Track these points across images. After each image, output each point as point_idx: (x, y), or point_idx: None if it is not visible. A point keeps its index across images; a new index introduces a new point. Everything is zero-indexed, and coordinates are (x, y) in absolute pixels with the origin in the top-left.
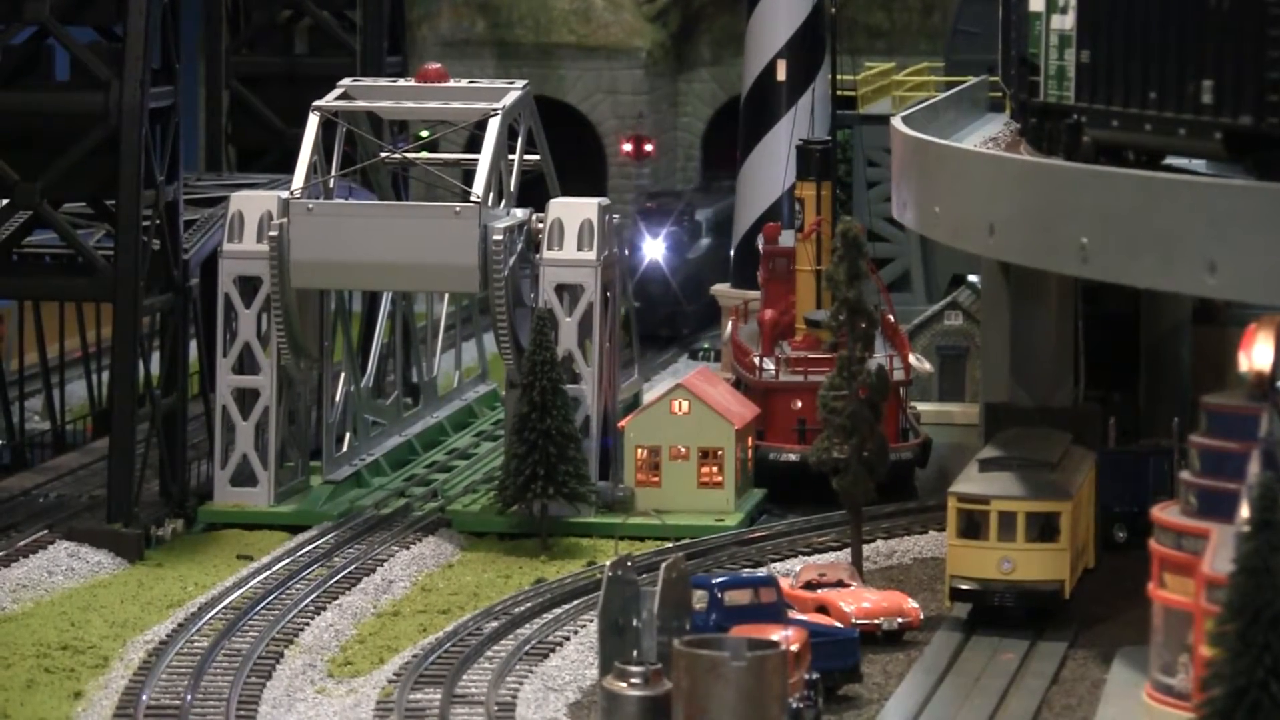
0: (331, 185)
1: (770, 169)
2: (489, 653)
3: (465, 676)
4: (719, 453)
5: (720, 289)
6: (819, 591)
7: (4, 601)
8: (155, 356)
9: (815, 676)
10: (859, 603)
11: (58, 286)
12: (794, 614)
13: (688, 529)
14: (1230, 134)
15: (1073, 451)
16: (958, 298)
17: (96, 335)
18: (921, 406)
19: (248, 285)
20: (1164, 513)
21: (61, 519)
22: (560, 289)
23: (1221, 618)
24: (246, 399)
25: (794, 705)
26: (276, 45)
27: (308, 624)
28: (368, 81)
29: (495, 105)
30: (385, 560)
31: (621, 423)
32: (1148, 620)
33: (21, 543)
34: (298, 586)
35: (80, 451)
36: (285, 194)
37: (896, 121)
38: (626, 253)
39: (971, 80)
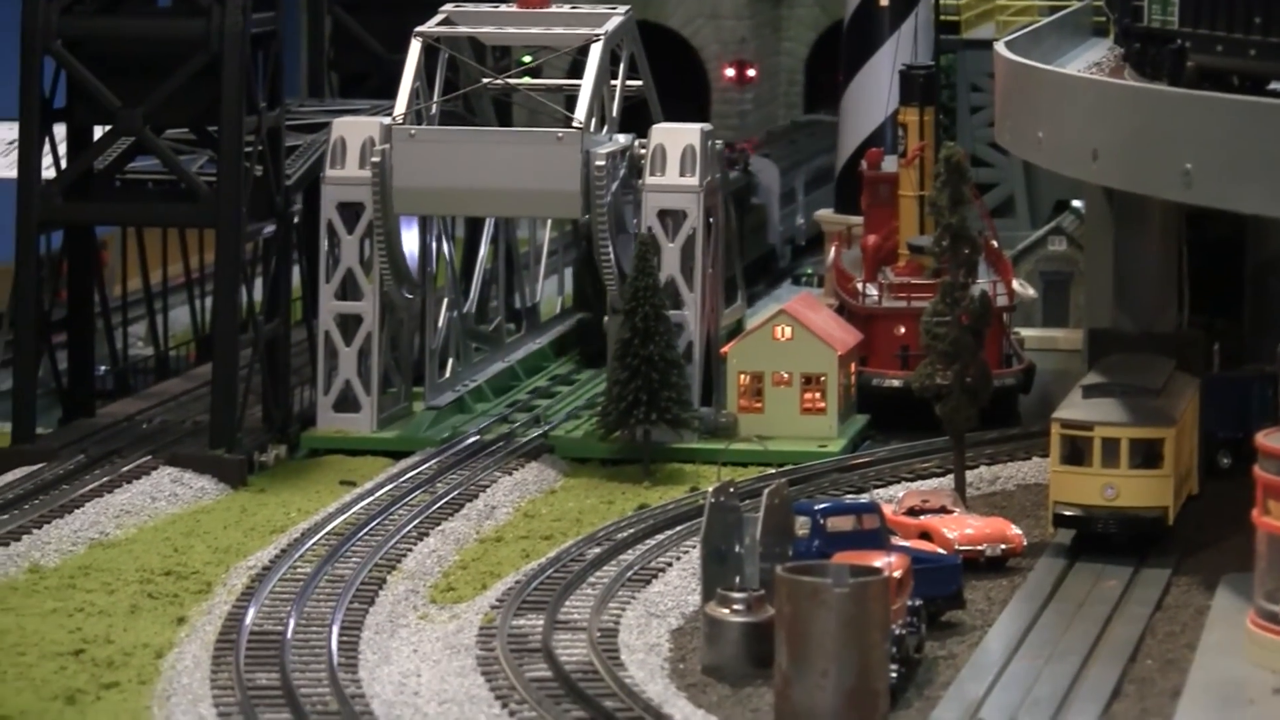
0: (434, 111)
1: (873, 94)
2: (591, 579)
3: (567, 603)
4: (822, 379)
5: (824, 214)
6: (922, 518)
7: (108, 527)
8: (258, 282)
9: (918, 603)
10: (962, 529)
11: (160, 212)
12: (896, 540)
13: (790, 455)
14: None
15: (1176, 377)
16: (1061, 223)
17: (199, 261)
18: (1025, 332)
19: (350, 211)
20: (1268, 438)
21: (165, 445)
22: (663, 214)
23: None
24: (349, 325)
25: (896, 632)
26: None
27: (410, 550)
28: (470, 7)
29: (597, 31)
30: (488, 486)
31: (724, 348)
32: (1251, 547)
33: (125, 468)
34: (400, 512)
35: (183, 377)
36: (387, 120)
37: (1000, 46)
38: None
39: (1075, 5)
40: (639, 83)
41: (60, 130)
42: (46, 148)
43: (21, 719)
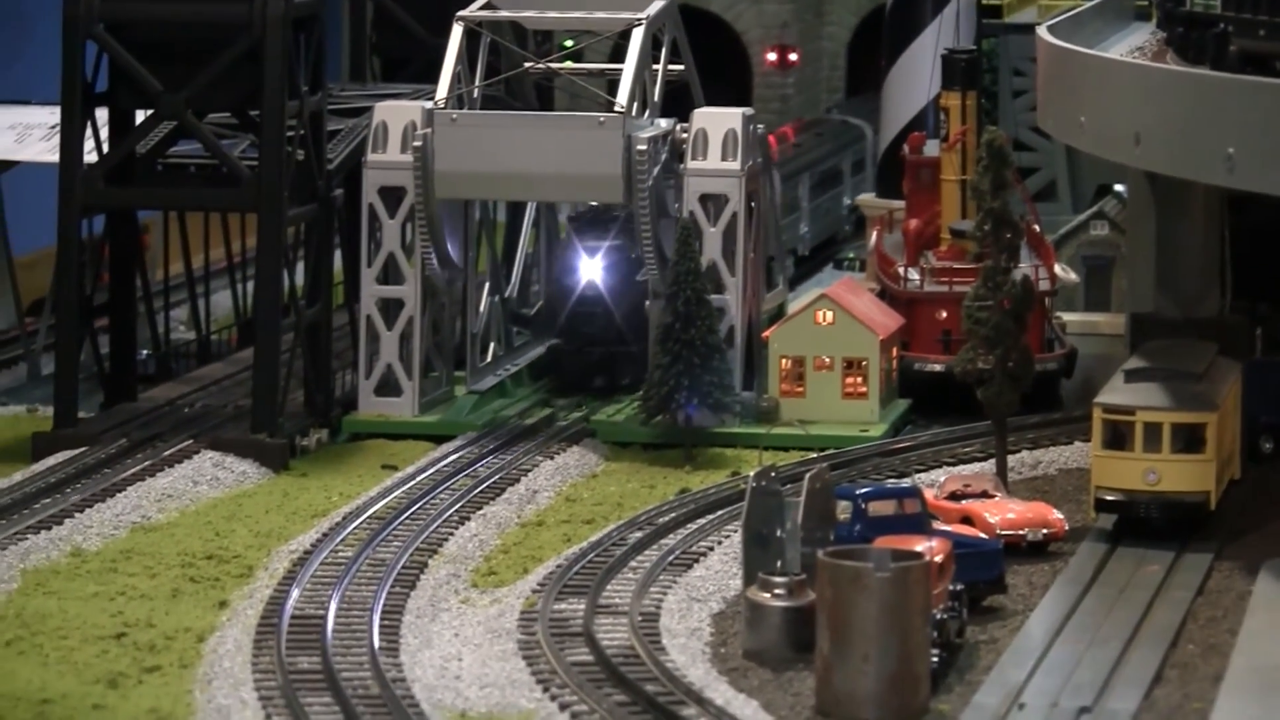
0: (475, 95)
1: (915, 78)
2: (633, 563)
3: (609, 587)
4: (863, 363)
5: (865, 199)
6: (963, 502)
7: (150, 511)
8: (299, 267)
9: (959, 588)
10: (1003, 514)
11: (202, 197)
12: (938, 525)
13: (832, 439)
14: None
15: (1218, 362)
16: (1103, 207)
17: (241, 245)
18: (1067, 317)
19: (392, 195)
20: None
21: (206, 429)
22: (704, 199)
23: None
24: (391, 309)
25: (938, 616)
26: None
27: (452, 534)
28: None
29: (640, 15)
30: (529, 470)
31: (766, 333)
32: None
33: (167, 452)
34: (442, 496)
35: (225, 361)
36: (429, 104)
37: (1042, 30)
38: (559, 275)
39: None
40: (681, 67)
41: (102, 115)
42: (89, 132)
43: (64, 702)
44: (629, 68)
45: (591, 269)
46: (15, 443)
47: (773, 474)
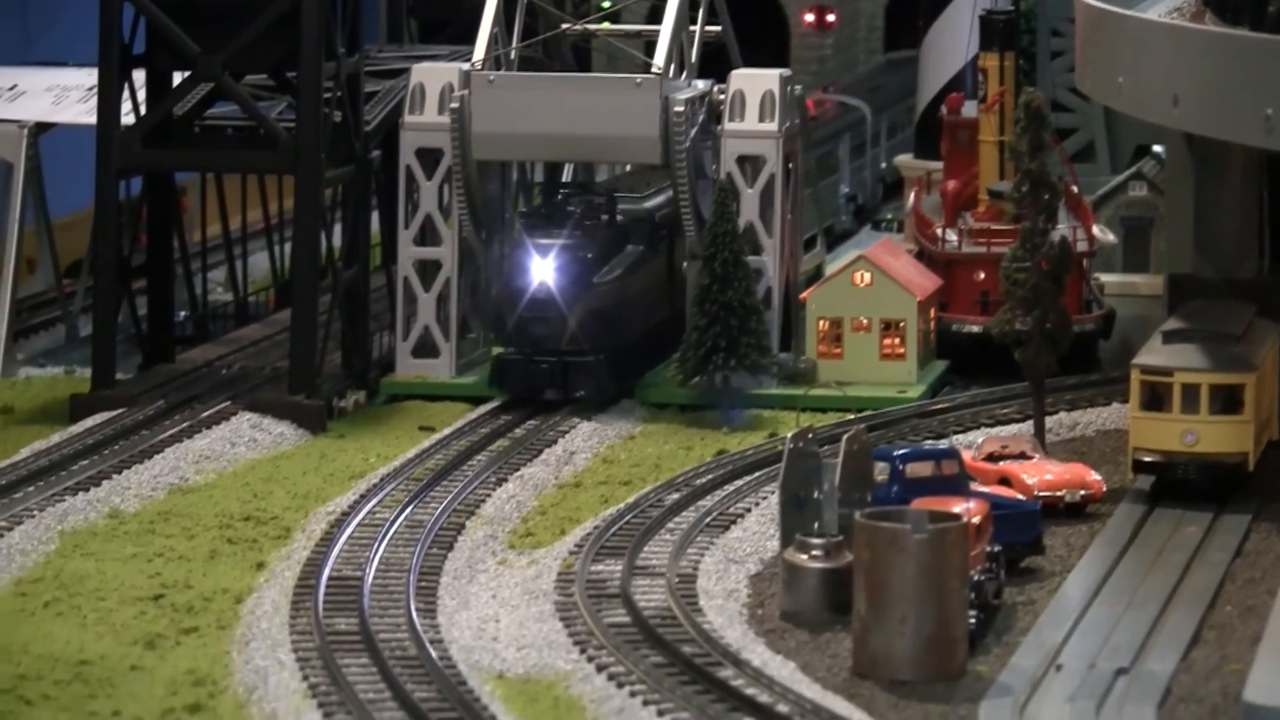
0: (512, 57)
1: (953, 40)
2: (670, 524)
3: (646, 548)
4: (901, 324)
5: (903, 160)
6: (1001, 464)
7: (187, 473)
8: (337, 228)
9: (997, 549)
10: (1041, 475)
11: (239, 159)
12: (976, 486)
13: (869, 401)
14: None
15: (1257, 324)
16: (1142, 168)
17: (279, 207)
18: (1105, 278)
19: (429, 157)
20: None
21: (244, 391)
22: (742, 160)
23: None
24: (428, 271)
25: (975, 578)
26: None
27: (489, 495)
28: None
29: None
30: (566, 432)
31: (803, 294)
32: None
33: (204, 414)
34: (479, 458)
35: (262, 323)
36: (466, 66)
37: None
38: (508, 276)
39: None
40: (718, 28)
41: (140, 77)
42: (126, 94)
43: (101, 663)
44: (666, 29)
45: (543, 269)
46: (53, 404)
47: (810, 435)
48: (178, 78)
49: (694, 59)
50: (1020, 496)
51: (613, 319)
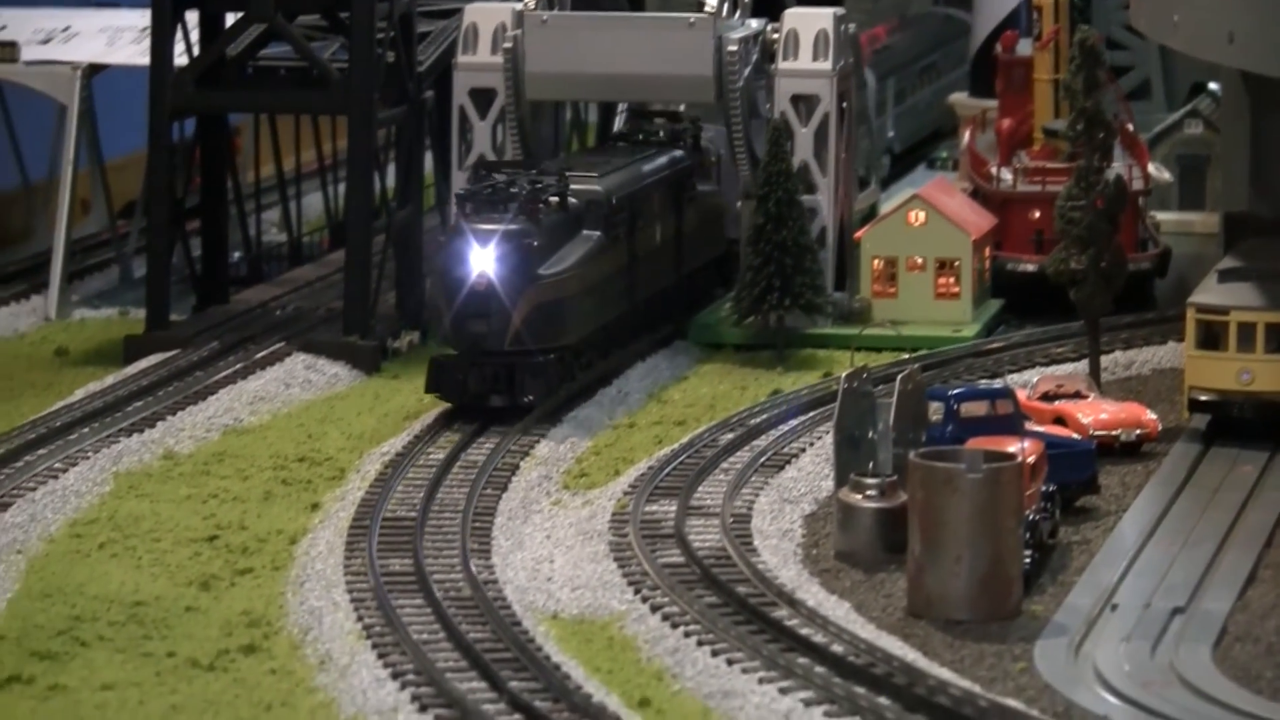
0: None
1: None
2: (724, 465)
3: (700, 488)
4: (956, 263)
5: (958, 98)
6: (1056, 403)
7: (242, 414)
8: (390, 169)
9: (1052, 489)
10: (1096, 414)
11: (293, 100)
12: (1031, 426)
13: (924, 340)
14: None
15: None
16: (1198, 106)
17: (332, 148)
18: (1160, 216)
19: (482, 97)
20: None
21: (298, 331)
22: (795, 99)
23: None
24: None
25: (1030, 518)
26: None
27: (543, 436)
28: None
29: None
30: (620, 372)
31: (858, 234)
32: None
33: (259, 355)
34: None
35: (316, 264)
36: (520, 6)
37: None
38: (444, 266)
39: None
40: None
41: (192, 18)
42: (179, 35)
43: (156, 604)
44: None
45: (483, 259)
46: (108, 346)
47: (865, 375)
48: (230, 19)
49: None
50: (1075, 436)
51: (563, 315)
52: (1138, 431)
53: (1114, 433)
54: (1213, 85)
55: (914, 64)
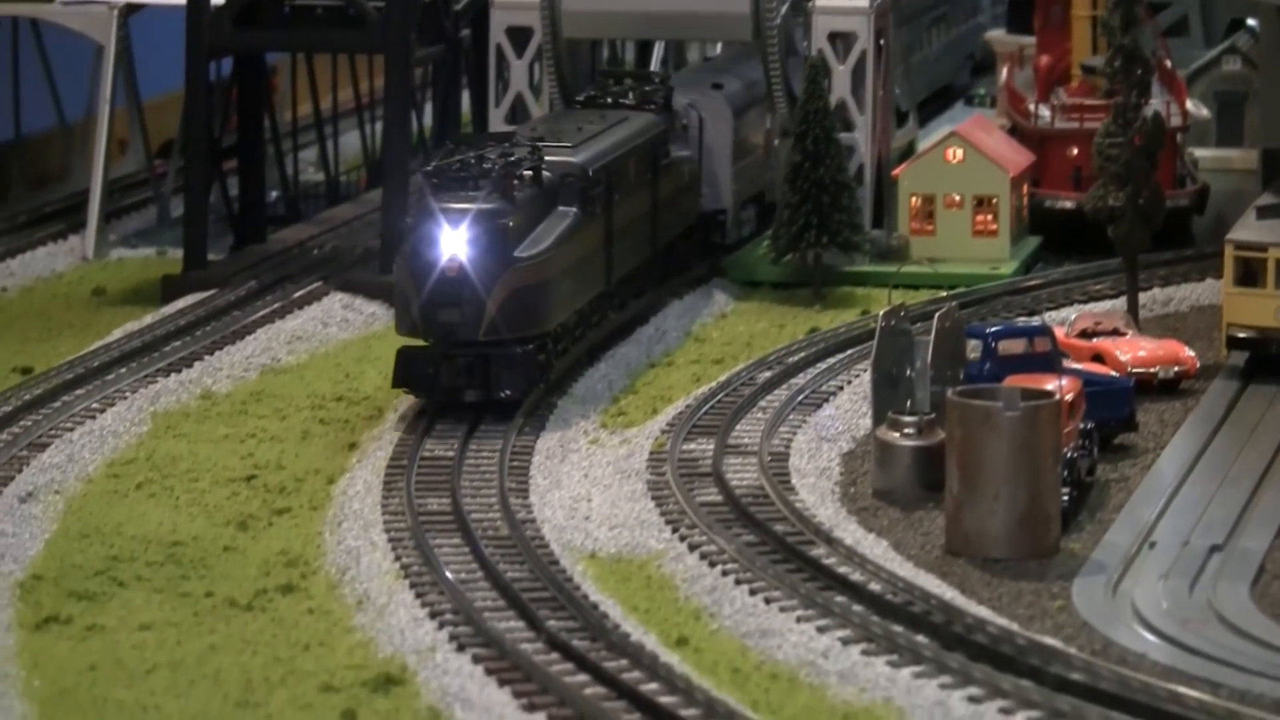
0: None
1: None
2: (762, 403)
3: (738, 427)
4: (994, 200)
5: (995, 35)
6: (1094, 340)
7: (279, 354)
8: (427, 108)
9: (1090, 426)
10: (1135, 351)
11: (329, 38)
12: (1069, 363)
13: (962, 278)
14: None
15: None
16: (1236, 42)
17: (369, 87)
18: (1198, 153)
19: (519, 36)
20: None
21: (336, 271)
22: (833, 37)
23: None
24: None
25: (1068, 455)
26: None
27: (581, 375)
28: None
29: None
30: (658, 311)
31: (895, 171)
32: None
33: (296, 294)
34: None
35: (354, 203)
36: None
37: None
38: (411, 249)
39: None
40: None
41: None
42: None
43: (194, 544)
44: None
45: (454, 242)
46: (145, 285)
47: (902, 313)
48: None
49: None
50: (1113, 373)
51: (541, 301)
52: (1176, 369)
53: (1152, 370)
54: (1251, 21)
55: (923, 16)
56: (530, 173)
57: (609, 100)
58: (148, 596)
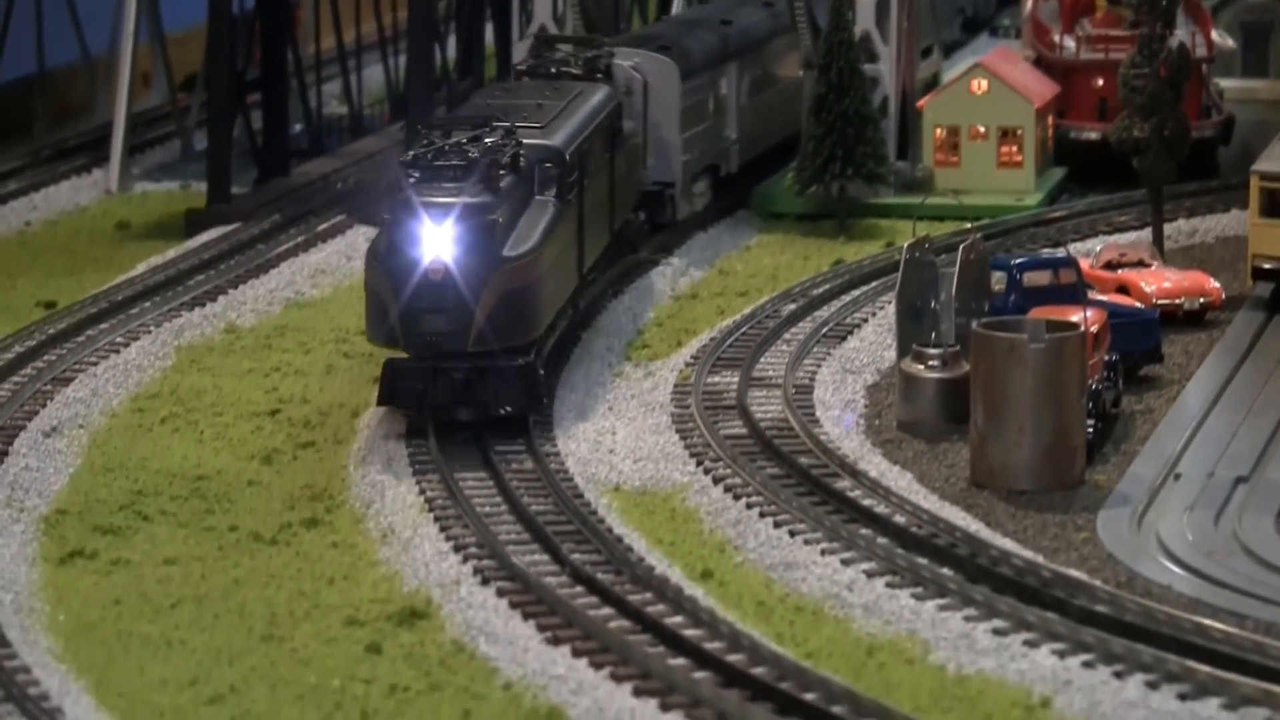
0: None
1: None
2: (786, 335)
3: (762, 359)
4: (1018, 132)
5: None
6: (1119, 272)
7: (303, 287)
8: (451, 40)
9: (1115, 358)
10: (1160, 283)
11: None
12: (1094, 295)
13: (986, 209)
14: None
15: None
16: None
17: (393, 20)
18: (1224, 83)
19: None
20: None
21: (359, 204)
22: None
23: None
24: None
25: (1093, 387)
26: None
27: (605, 307)
28: None
29: None
30: (683, 243)
31: (920, 102)
32: None
33: (320, 228)
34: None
35: (377, 136)
36: None
37: None
38: (387, 248)
39: None
40: None
41: None
42: None
43: (219, 478)
44: None
45: (439, 241)
46: (169, 219)
47: (927, 245)
48: None
49: None
50: (1138, 304)
51: (529, 305)
52: (1201, 300)
53: (1177, 301)
54: None
55: None
56: (509, 159)
57: (553, 70)
58: (172, 531)
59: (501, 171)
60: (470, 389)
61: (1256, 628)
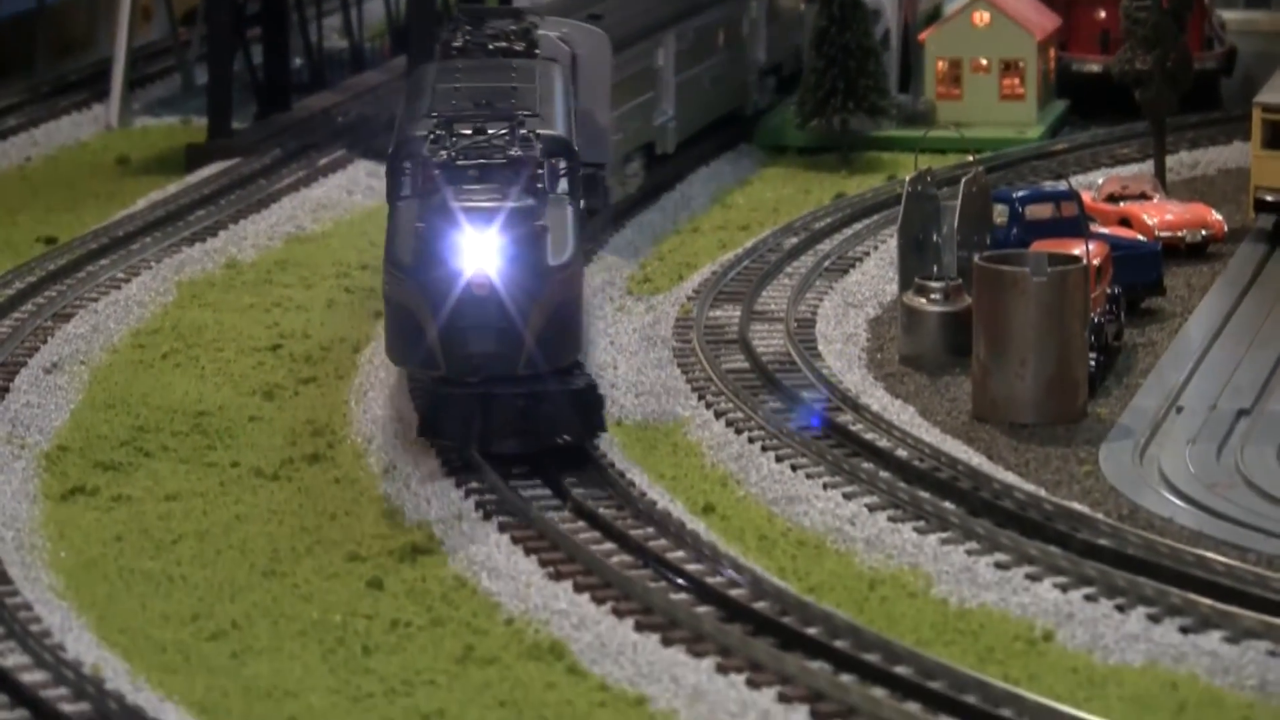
0: None
1: None
2: (788, 269)
3: (764, 293)
4: (1020, 64)
5: None
6: (1121, 204)
7: (304, 222)
8: None
9: (1117, 290)
10: (1162, 215)
11: None
12: (1096, 227)
13: (988, 142)
14: None
15: None
16: None
17: None
18: (1227, 15)
19: None
20: None
21: (360, 138)
22: None
23: None
24: None
25: (1095, 320)
26: None
27: (606, 241)
28: None
29: None
30: (684, 176)
31: (922, 35)
32: None
33: (321, 162)
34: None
35: (378, 70)
36: None
37: None
38: (420, 256)
39: None
40: None
41: None
42: None
43: (220, 414)
44: None
45: (483, 251)
46: (170, 154)
47: (929, 178)
48: None
49: None
50: (1141, 237)
51: (573, 319)
52: (1203, 232)
53: (1179, 234)
54: None
55: None
56: (534, 151)
57: (488, 47)
58: (174, 467)
59: (538, 169)
60: (527, 417)
61: (1258, 560)
